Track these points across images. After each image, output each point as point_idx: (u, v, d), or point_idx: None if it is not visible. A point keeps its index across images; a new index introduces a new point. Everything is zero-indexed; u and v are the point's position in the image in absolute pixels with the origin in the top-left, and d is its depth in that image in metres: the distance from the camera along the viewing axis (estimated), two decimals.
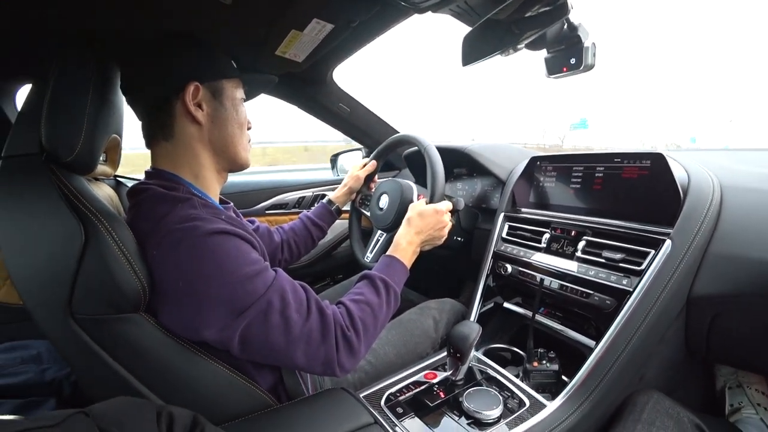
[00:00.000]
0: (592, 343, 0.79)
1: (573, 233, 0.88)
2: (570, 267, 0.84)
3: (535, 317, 0.88)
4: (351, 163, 1.56)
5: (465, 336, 0.73)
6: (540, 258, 0.90)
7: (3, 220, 0.52)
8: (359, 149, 1.64)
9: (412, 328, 0.93)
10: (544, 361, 0.79)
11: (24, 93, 0.76)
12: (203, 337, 0.54)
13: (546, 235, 0.92)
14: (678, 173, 0.75)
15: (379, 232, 1.04)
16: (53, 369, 0.81)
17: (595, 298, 0.78)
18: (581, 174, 0.89)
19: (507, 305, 1.02)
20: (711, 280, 0.71)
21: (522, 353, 0.87)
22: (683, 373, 0.88)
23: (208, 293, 0.52)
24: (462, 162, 1.27)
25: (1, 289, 0.99)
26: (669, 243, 0.71)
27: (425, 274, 1.61)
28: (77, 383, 0.81)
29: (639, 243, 0.76)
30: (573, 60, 0.67)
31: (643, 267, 0.73)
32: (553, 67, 0.70)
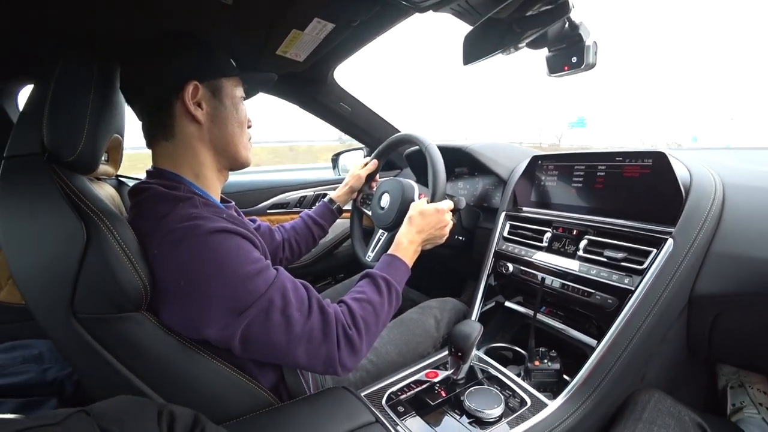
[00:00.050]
0: (593, 343, 0.78)
1: (575, 232, 0.87)
2: (571, 266, 0.84)
3: (537, 316, 0.88)
4: (352, 163, 1.56)
5: (466, 335, 0.73)
6: (541, 257, 0.90)
7: (5, 219, 0.53)
8: (360, 148, 1.64)
9: (413, 327, 0.93)
10: (545, 360, 0.79)
11: (26, 93, 0.76)
12: (204, 336, 0.54)
13: (547, 234, 0.92)
14: (680, 172, 0.74)
15: (381, 231, 1.04)
16: (55, 368, 0.81)
17: (597, 297, 0.78)
18: (583, 173, 0.88)
19: (508, 304, 1.02)
20: (713, 279, 0.71)
21: (523, 352, 0.87)
22: (685, 373, 0.88)
23: (209, 292, 0.52)
24: (463, 161, 1.27)
25: (3, 289, 0.99)
26: (671, 242, 0.71)
27: (426, 273, 1.61)
28: (79, 383, 0.81)
29: (641, 242, 0.76)
30: (574, 59, 0.66)
31: (645, 266, 0.72)
32: (555, 66, 0.70)
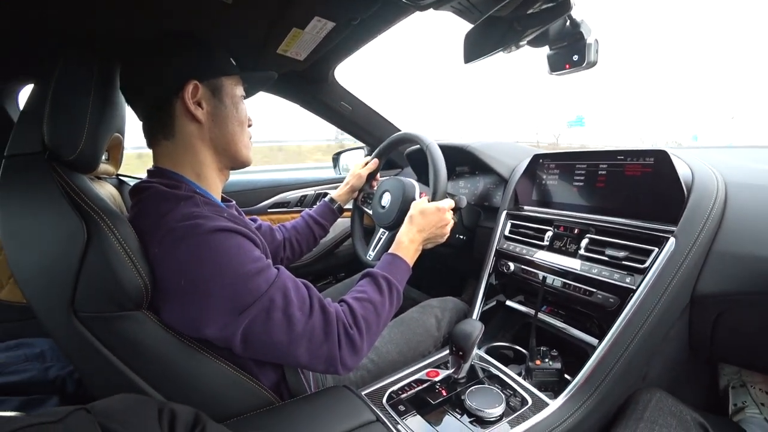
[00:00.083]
0: (594, 342, 0.78)
1: (576, 231, 0.87)
2: (573, 265, 0.83)
3: (538, 315, 0.88)
4: (353, 162, 1.56)
5: (467, 334, 0.73)
6: (543, 256, 0.90)
7: (6, 218, 0.53)
8: (361, 147, 1.64)
9: (414, 326, 0.93)
10: (546, 360, 0.79)
11: (26, 93, 0.76)
12: (205, 335, 0.54)
13: (549, 233, 0.92)
14: (682, 170, 0.74)
15: (381, 230, 1.04)
16: (56, 367, 0.81)
17: (598, 296, 0.77)
18: (584, 172, 0.88)
19: (509, 303, 1.01)
20: (715, 278, 0.70)
21: (524, 351, 0.87)
22: (686, 372, 0.87)
23: (210, 291, 0.52)
24: (464, 160, 1.27)
25: (5, 288, 0.99)
26: (673, 241, 0.71)
27: (427, 272, 1.61)
28: (80, 381, 0.81)
29: (642, 241, 0.75)
30: (575, 57, 0.66)
31: (647, 265, 0.72)
32: (556, 64, 0.70)
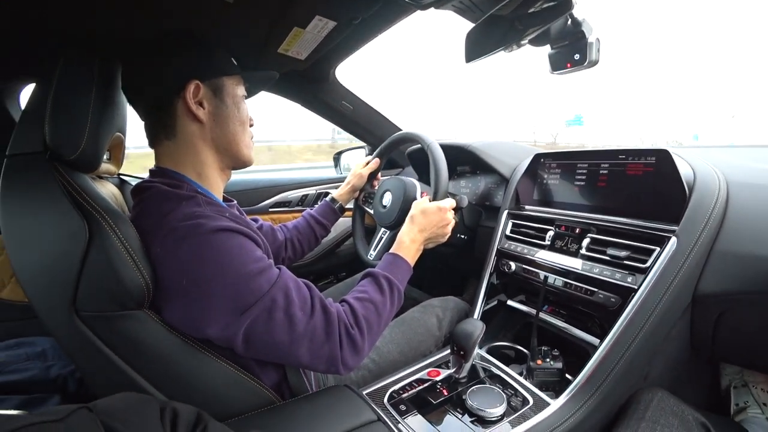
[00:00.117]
0: (596, 341, 0.78)
1: (577, 230, 0.87)
2: (574, 264, 0.83)
3: (539, 315, 0.88)
4: (354, 161, 1.55)
5: (468, 334, 0.73)
6: (544, 255, 0.90)
7: (7, 217, 0.53)
8: (362, 147, 1.64)
9: (415, 326, 0.93)
10: (547, 359, 0.79)
11: (28, 92, 0.76)
12: (207, 335, 0.54)
13: (550, 233, 0.92)
14: (683, 170, 0.74)
15: (383, 229, 1.04)
16: (58, 366, 0.82)
17: (600, 295, 0.77)
18: (585, 171, 0.88)
19: (510, 303, 1.01)
20: (717, 277, 0.70)
21: (525, 351, 0.87)
22: (688, 372, 0.87)
23: (211, 291, 0.52)
24: (465, 159, 1.27)
25: (6, 287, 0.99)
26: (674, 240, 0.71)
27: (428, 272, 1.61)
28: (82, 380, 0.81)
29: (644, 240, 0.75)
30: (577, 56, 0.66)
31: (648, 264, 0.72)
32: (557, 63, 0.69)
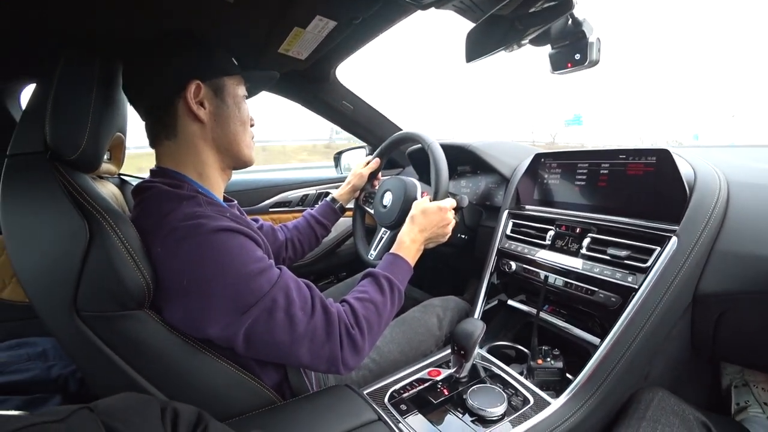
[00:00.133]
0: (596, 341, 0.78)
1: (578, 230, 0.87)
2: (575, 264, 0.83)
3: (540, 315, 0.88)
4: (354, 161, 1.55)
5: (469, 333, 0.73)
6: (544, 255, 0.90)
7: (8, 217, 0.53)
8: (363, 147, 1.64)
9: (415, 325, 0.93)
10: (548, 359, 0.79)
11: (28, 92, 0.76)
12: (207, 335, 0.54)
13: (550, 232, 0.91)
14: (684, 169, 0.74)
15: (383, 229, 1.04)
16: (59, 366, 0.82)
17: (600, 295, 0.77)
18: (586, 171, 0.88)
19: (511, 303, 1.01)
20: (717, 277, 0.70)
21: (526, 351, 0.87)
22: (689, 371, 0.87)
23: (212, 291, 0.52)
24: (466, 159, 1.27)
25: (7, 287, 1.00)
26: (675, 240, 0.71)
27: (429, 271, 1.61)
28: (83, 380, 0.81)
29: (644, 240, 0.75)
30: (578, 56, 0.66)
31: (649, 264, 0.72)
32: (558, 63, 0.69)
